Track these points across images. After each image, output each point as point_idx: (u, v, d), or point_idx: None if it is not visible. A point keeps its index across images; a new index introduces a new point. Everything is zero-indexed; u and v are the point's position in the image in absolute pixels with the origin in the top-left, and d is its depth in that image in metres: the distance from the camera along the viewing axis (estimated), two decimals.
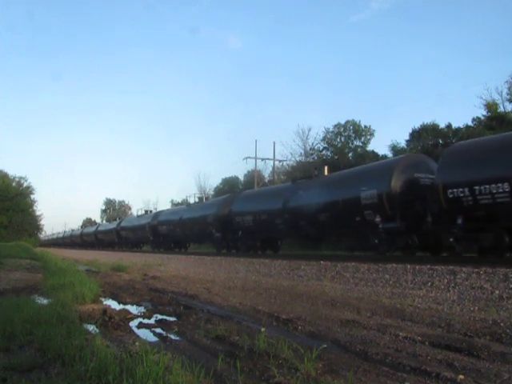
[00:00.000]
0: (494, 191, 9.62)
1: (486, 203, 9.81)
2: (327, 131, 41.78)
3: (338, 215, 14.25)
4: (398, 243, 12.87)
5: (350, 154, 38.53)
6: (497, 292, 6.57)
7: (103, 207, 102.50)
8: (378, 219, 12.75)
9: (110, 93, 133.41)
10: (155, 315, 6.25)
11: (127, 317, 5.95)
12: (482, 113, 29.46)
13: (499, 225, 9.92)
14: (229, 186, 48.97)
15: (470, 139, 14.11)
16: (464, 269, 7.99)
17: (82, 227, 64.43)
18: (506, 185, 9.37)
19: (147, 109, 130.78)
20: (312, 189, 16.14)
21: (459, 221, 10.43)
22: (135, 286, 9.91)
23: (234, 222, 20.33)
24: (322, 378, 3.13)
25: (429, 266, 8.66)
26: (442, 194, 10.72)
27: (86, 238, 51.70)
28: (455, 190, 10.40)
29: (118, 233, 38.57)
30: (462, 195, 10.23)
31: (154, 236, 30.61)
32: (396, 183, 12.57)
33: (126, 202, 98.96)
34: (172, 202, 31.86)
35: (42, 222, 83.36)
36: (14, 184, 73.62)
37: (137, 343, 4.22)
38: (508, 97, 28.56)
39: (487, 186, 9.75)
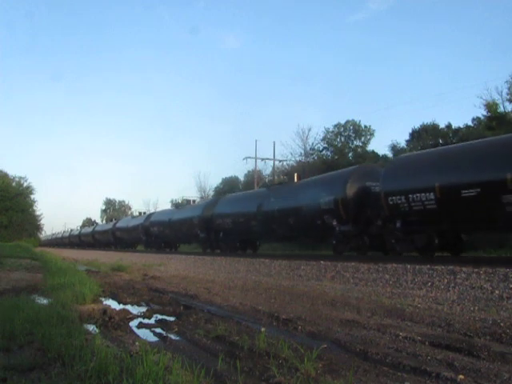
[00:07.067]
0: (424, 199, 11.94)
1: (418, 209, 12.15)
2: (327, 131, 41.80)
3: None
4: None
5: (350, 154, 38.53)
6: (497, 292, 6.56)
7: (103, 207, 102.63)
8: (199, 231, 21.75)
9: (110, 93, 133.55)
10: (155, 315, 6.24)
11: (127, 317, 5.94)
12: (482, 113, 29.48)
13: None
14: (229, 186, 48.98)
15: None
16: (464, 269, 7.99)
17: (73, 229, 69.12)
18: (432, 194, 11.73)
19: (147, 109, 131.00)
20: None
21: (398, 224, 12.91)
22: (135, 286, 9.90)
23: (150, 230, 31.90)
24: (321, 378, 3.13)
25: (429, 266, 8.66)
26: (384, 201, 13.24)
27: (73, 239, 61.27)
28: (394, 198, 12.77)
29: (93, 236, 49.47)
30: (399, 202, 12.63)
31: (114, 239, 41.47)
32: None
33: (126, 202, 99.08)
34: (172, 201, 32.19)
35: (42, 222, 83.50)
36: (14, 184, 73.61)
37: (137, 343, 4.22)
38: (508, 97, 28.54)
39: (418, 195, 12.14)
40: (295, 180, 19.16)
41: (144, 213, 39.71)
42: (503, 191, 9.93)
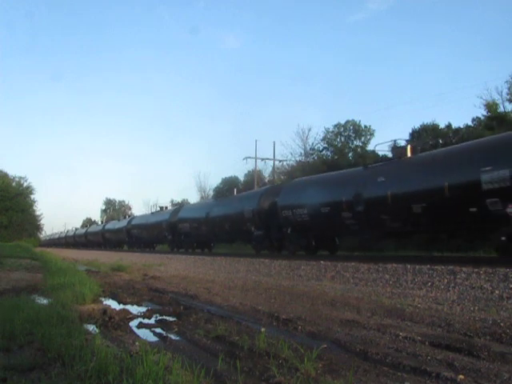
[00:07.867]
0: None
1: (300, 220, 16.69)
2: (327, 131, 41.82)
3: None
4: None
5: (350, 154, 38.52)
6: (497, 292, 6.56)
7: (103, 207, 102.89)
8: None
9: (110, 93, 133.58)
10: (155, 315, 6.24)
11: (127, 317, 5.94)
12: (482, 113, 29.48)
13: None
14: (229, 186, 48.93)
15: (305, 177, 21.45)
16: (464, 269, 7.99)
17: (69, 230, 74.48)
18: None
19: (147, 109, 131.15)
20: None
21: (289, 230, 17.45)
22: (135, 286, 9.90)
23: (131, 232, 37.06)
24: (321, 378, 3.13)
25: (429, 266, 8.67)
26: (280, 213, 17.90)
27: (69, 240, 66.23)
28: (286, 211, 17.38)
29: (86, 237, 55.62)
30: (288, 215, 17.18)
31: (103, 240, 46.55)
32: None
33: (126, 202, 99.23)
34: (172, 201, 32.66)
35: (42, 222, 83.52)
36: (14, 184, 73.59)
37: (137, 343, 4.22)
38: (508, 97, 28.57)
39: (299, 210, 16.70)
40: (235, 193, 24.59)
41: (128, 216, 46.03)
42: (342, 210, 14.44)
